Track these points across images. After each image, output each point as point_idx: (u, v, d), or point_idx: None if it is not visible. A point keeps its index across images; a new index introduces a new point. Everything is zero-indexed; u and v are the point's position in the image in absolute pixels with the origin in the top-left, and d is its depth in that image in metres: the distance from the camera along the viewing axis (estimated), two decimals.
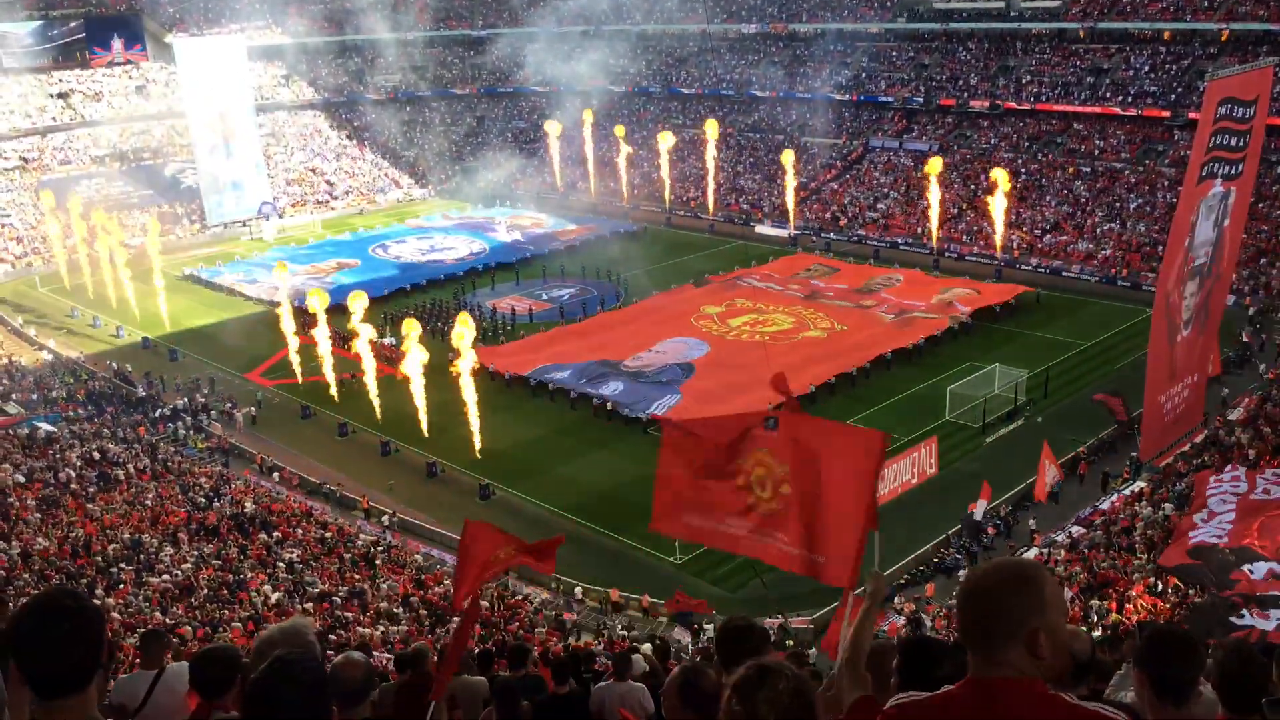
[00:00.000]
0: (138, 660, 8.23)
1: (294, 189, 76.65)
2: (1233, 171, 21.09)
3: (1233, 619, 16.14)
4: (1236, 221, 22.35)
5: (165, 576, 23.56)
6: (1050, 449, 29.54)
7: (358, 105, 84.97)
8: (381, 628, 21.51)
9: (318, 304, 39.93)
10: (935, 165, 55.87)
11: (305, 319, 42.55)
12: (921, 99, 68.79)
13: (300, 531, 28.95)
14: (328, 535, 28.95)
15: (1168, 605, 18.76)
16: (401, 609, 23.70)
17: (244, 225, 70.05)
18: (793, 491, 5.33)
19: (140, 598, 21.94)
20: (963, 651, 2.65)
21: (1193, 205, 20.85)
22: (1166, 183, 55.06)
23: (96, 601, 20.18)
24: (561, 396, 39.98)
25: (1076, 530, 26.74)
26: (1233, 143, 20.66)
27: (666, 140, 68.01)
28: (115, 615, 19.57)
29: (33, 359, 46.30)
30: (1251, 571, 17.43)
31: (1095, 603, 20.20)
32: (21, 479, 28.68)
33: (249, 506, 29.80)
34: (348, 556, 27.42)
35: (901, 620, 23.49)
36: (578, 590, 27.99)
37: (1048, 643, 2.51)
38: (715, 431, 5.71)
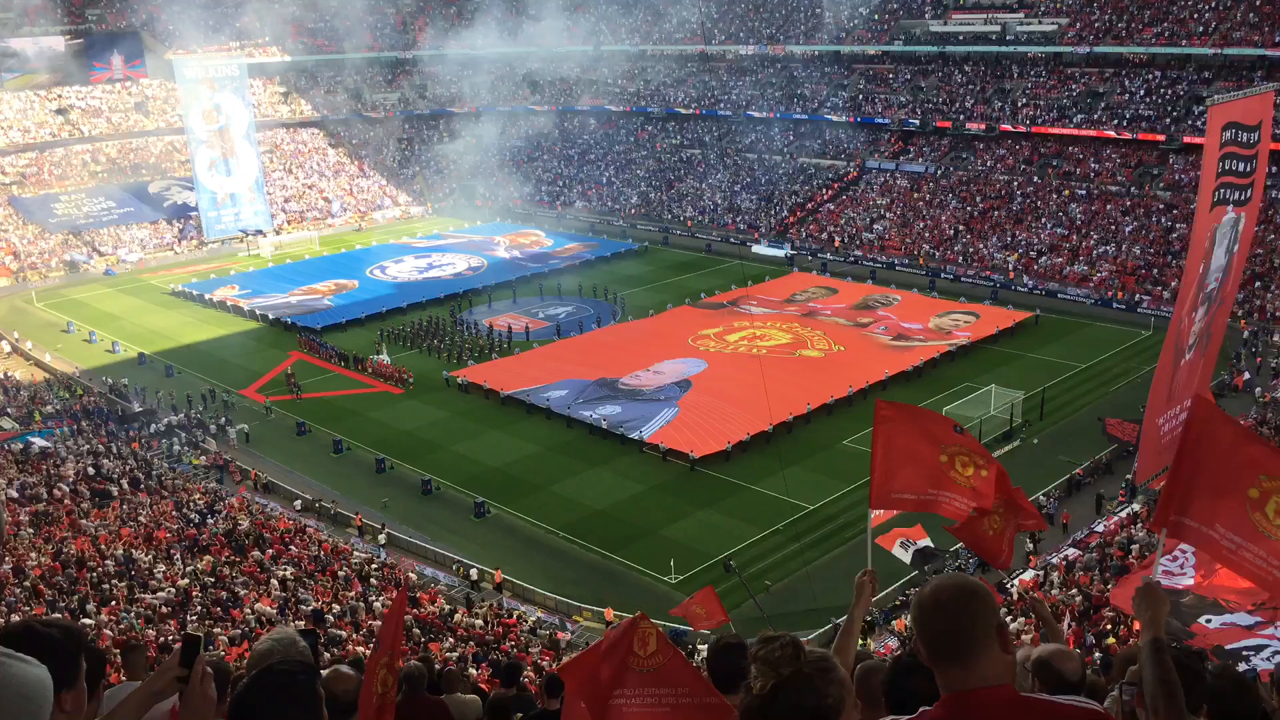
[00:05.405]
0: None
1: (292, 206, 76.79)
2: (1242, 197, 21.15)
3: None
4: (1243, 246, 22.41)
5: (159, 594, 23.45)
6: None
7: (356, 123, 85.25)
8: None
9: None
10: None
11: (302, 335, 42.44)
12: (918, 121, 69.15)
13: (294, 548, 28.85)
14: (321, 553, 28.84)
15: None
16: None
17: (242, 242, 70.15)
18: (991, 474, 6.32)
19: (132, 614, 21.83)
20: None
21: (1207, 231, 20.89)
22: (1161, 206, 55.34)
23: (88, 621, 20.17)
24: (557, 414, 39.94)
25: (1072, 553, 26.73)
26: (1240, 168, 20.68)
27: None
28: (106, 632, 19.47)
29: (28, 374, 46.22)
30: (1209, 623, 17.02)
31: (1110, 612, 20.11)
32: (15, 494, 28.60)
33: (243, 524, 29.70)
34: (341, 574, 27.31)
35: (895, 642, 23.40)
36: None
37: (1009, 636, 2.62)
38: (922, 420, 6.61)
